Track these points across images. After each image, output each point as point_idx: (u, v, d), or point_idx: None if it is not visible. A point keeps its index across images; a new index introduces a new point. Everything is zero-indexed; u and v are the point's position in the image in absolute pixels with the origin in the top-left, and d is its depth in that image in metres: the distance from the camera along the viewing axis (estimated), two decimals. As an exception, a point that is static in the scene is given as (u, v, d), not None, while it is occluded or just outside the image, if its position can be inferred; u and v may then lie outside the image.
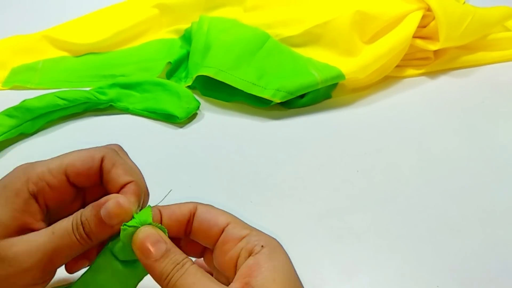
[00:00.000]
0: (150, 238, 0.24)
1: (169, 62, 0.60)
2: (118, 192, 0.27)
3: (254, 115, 0.55)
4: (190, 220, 0.26)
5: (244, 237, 0.25)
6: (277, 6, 0.64)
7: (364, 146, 0.50)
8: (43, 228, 0.26)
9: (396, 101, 0.56)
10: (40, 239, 0.25)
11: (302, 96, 0.54)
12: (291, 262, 0.25)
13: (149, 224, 0.25)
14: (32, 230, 0.26)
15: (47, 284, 0.28)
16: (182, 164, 0.48)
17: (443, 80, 0.60)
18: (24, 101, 0.51)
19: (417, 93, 0.57)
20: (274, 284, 0.23)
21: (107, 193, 0.27)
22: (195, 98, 0.55)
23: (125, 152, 0.30)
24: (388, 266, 0.38)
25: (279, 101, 0.53)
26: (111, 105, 0.55)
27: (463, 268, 0.38)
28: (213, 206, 0.27)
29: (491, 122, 0.53)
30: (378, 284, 0.37)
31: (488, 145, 0.49)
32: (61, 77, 0.62)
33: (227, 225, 0.26)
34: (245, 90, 0.53)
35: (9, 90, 0.61)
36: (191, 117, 0.54)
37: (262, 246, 0.24)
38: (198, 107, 0.54)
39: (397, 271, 0.38)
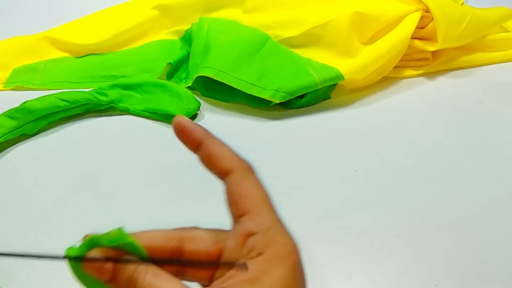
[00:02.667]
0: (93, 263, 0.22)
1: (169, 63, 0.60)
2: None
3: (253, 116, 0.55)
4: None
5: (251, 236, 0.22)
6: (276, 7, 0.64)
7: (363, 146, 0.50)
8: None
9: (394, 101, 0.56)
10: None
11: (301, 96, 0.55)
12: (293, 280, 0.21)
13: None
14: None
15: None
16: (182, 164, 0.49)
17: (442, 81, 0.60)
18: (25, 102, 0.51)
19: (415, 93, 0.58)
20: None
21: None
22: (196, 99, 0.55)
23: None
24: (386, 266, 0.38)
25: (278, 102, 0.53)
26: (111, 106, 0.55)
27: (461, 267, 0.38)
28: (249, 176, 0.24)
29: (489, 122, 0.53)
30: (377, 284, 0.37)
31: (486, 145, 0.50)
32: (62, 78, 0.62)
33: (245, 215, 0.22)
34: (244, 91, 0.53)
35: (10, 91, 0.61)
36: (192, 117, 0.54)
37: (259, 253, 0.21)
38: (199, 107, 0.55)
39: (396, 270, 0.38)
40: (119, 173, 0.48)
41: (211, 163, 0.24)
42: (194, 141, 0.25)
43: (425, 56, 0.60)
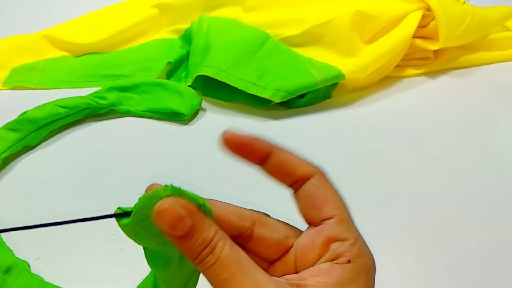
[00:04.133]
0: (171, 210, 0.19)
1: (169, 62, 0.60)
2: None
3: (254, 115, 0.55)
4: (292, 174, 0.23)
5: (338, 241, 0.22)
6: (277, 6, 0.64)
7: (364, 146, 0.50)
8: None
9: (396, 101, 0.56)
10: None
11: (302, 96, 0.54)
12: None
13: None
14: None
15: None
16: (182, 164, 0.49)
17: (443, 80, 0.60)
18: (24, 113, 0.50)
19: (416, 93, 0.57)
20: None
21: None
22: (197, 95, 0.55)
23: None
24: (387, 266, 0.38)
25: (279, 101, 0.53)
26: (112, 109, 0.55)
27: (463, 267, 0.38)
28: (328, 182, 0.24)
29: (491, 122, 0.53)
30: (378, 283, 0.37)
31: (488, 145, 0.49)
32: (61, 77, 0.62)
33: (329, 219, 0.23)
34: (245, 90, 0.53)
35: (9, 90, 0.61)
36: (192, 116, 0.54)
37: (348, 261, 0.21)
38: (201, 102, 0.54)
39: (397, 270, 0.38)
40: (125, 176, 0.47)
41: (284, 171, 0.24)
42: (260, 153, 0.24)
43: (427, 55, 0.60)
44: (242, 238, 0.23)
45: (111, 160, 0.50)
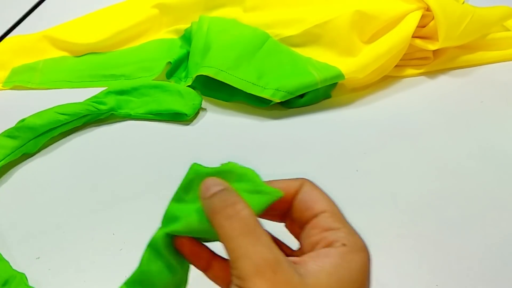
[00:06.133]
0: (212, 180, 0.24)
1: (169, 62, 0.60)
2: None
3: (254, 115, 0.55)
4: (293, 197, 0.25)
5: (332, 230, 0.24)
6: (276, 6, 0.64)
7: (364, 146, 0.50)
8: None
9: (395, 100, 0.56)
10: None
11: (301, 95, 0.54)
12: (366, 272, 0.23)
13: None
14: None
15: None
16: (181, 165, 0.48)
17: (443, 80, 0.60)
18: (23, 120, 0.50)
19: (416, 92, 0.57)
20: (328, 277, 0.21)
21: None
22: (197, 94, 0.55)
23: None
24: (387, 266, 0.38)
25: (278, 101, 0.53)
26: (112, 113, 0.55)
27: (462, 267, 0.38)
28: (317, 187, 0.26)
29: (491, 121, 0.53)
30: (377, 283, 0.37)
31: (488, 144, 0.49)
32: (61, 77, 0.62)
33: (322, 213, 0.24)
34: (245, 90, 0.53)
35: (9, 90, 0.61)
36: (193, 117, 0.54)
37: (343, 244, 0.23)
38: (201, 101, 0.54)
39: (396, 270, 0.38)
40: (128, 181, 0.47)
41: (300, 209, 0.26)
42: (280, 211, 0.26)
43: (426, 55, 0.60)
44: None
45: (113, 165, 0.49)
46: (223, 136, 0.52)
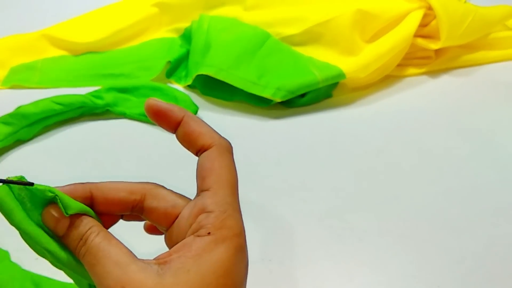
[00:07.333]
0: (49, 214, 0.23)
1: (169, 61, 0.60)
2: None
3: (254, 114, 0.54)
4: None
5: (205, 212, 0.22)
6: (277, 4, 0.63)
7: (365, 146, 0.49)
8: None
9: (397, 100, 0.56)
10: None
11: (302, 95, 0.54)
12: (234, 265, 0.21)
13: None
14: None
15: None
16: (181, 165, 0.48)
17: (444, 79, 0.59)
18: (19, 107, 0.50)
19: (418, 92, 0.57)
20: (186, 275, 0.20)
21: None
22: (193, 103, 0.54)
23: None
24: (389, 266, 0.38)
25: (279, 100, 0.53)
26: (107, 109, 0.54)
27: (464, 268, 0.37)
28: (224, 153, 0.25)
29: (492, 121, 0.52)
30: (379, 284, 0.37)
31: (489, 144, 0.49)
32: (60, 76, 0.62)
33: (207, 191, 0.23)
34: (245, 89, 0.53)
35: (8, 89, 0.61)
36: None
37: (208, 232, 0.21)
38: (196, 111, 0.54)
39: (398, 271, 0.37)
40: (115, 178, 0.47)
41: (190, 140, 0.25)
42: (172, 121, 0.25)
43: (428, 55, 0.60)
44: (136, 210, 0.25)
45: (102, 159, 0.49)
46: (223, 136, 0.52)
